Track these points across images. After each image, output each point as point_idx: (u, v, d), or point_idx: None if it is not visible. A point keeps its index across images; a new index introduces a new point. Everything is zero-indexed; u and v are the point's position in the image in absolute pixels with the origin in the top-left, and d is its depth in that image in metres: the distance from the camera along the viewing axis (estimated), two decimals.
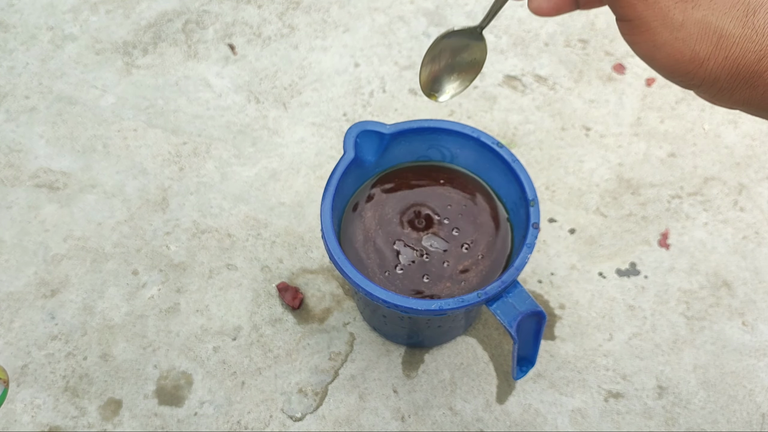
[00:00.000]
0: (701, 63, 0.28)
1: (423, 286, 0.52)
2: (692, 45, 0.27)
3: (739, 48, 0.27)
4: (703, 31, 0.27)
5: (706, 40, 0.27)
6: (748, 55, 0.27)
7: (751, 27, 0.27)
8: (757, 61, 0.27)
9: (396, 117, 0.72)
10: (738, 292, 0.63)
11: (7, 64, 0.76)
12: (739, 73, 0.28)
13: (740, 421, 0.58)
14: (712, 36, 0.27)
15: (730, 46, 0.27)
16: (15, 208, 0.67)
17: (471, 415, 0.58)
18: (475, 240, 0.53)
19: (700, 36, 0.27)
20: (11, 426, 0.58)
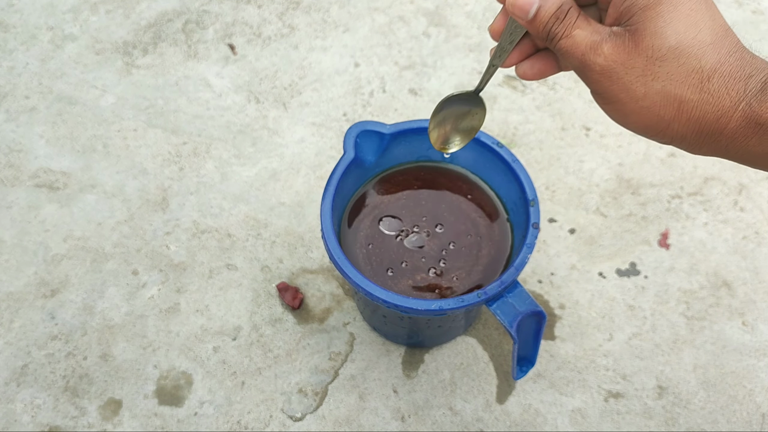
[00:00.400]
0: (667, 125, 0.31)
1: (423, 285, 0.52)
2: (657, 111, 0.31)
3: (698, 110, 0.30)
4: (664, 99, 0.30)
5: (669, 106, 0.31)
6: (707, 116, 0.30)
7: (707, 92, 0.30)
8: (715, 120, 0.30)
9: (396, 117, 0.72)
10: (738, 292, 0.63)
11: (7, 64, 0.76)
12: (702, 131, 0.31)
13: (740, 421, 0.58)
14: (673, 102, 0.30)
15: (690, 110, 0.30)
16: (15, 208, 0.67)
17: (471, 415, 0.58)
18: (475, 240, 0.53)
19: (662, 104, 0.31)
20: (11, 426, 0.58)
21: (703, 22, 0.30)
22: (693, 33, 0.30)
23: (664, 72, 0.30)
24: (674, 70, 0.30)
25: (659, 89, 0.30)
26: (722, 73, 0.30)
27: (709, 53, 0.30)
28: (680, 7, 0.30)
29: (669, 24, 0.30)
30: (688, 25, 0.30)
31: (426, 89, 0.74)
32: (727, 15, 0.78)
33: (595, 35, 0.32)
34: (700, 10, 0.30)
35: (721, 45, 0.30)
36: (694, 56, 0.30)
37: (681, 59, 0.30)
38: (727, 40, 0.31)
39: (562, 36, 0.32)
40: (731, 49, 0.30)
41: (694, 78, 0.30)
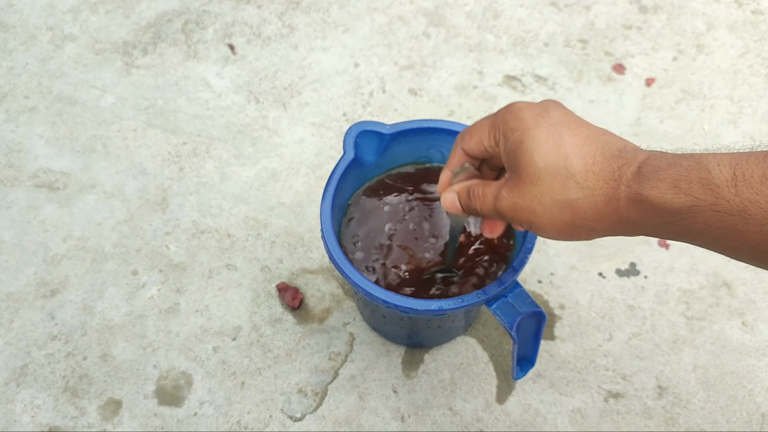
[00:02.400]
0: (573, 225, 0.37)
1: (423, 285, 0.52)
2: (559, 218, 0.36)
3: (588, 203, 0.36)
4: (558, 207, 0.36)
5: (564, 211, 0.36)
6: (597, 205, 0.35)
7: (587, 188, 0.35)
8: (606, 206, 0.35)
9: (396, 117, 0.72)
10: (738, 292, 0.63)
11: (7, 64, 0.76)
12: (602, 219, 0.36)
13: (740, 421, 0.58)
14: (565, 206, 0.36)
15: (582, 206, 0.36)
16: (15, 208, 0.67)
17: (471, 415, 0.58)
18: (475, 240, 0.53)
19: (559, 211, 0.36)
20: (11, 426, 0.58)
21: (561, 140, 0.36)
22: (555, 150, 0.36)
23: (546, 188, 0.36)
24: (552, 184, 0.36)
25: (550, 201, 0.36)
26: (594, 172, 0.35)
27: (574, 161, 0.36)
28: (538, 137, 0.37)
29: (534, 153, 0.36)
30: (549, 147, 0.36)
31: (426, 89, 0.74)
32: (727, 15, 0.78)
33: (495, 189, 0.39)
34: (556, 131, 0.37)
35: (584, 152, 0.36)
36: (563, 167, 0.36)
37: (553, 174, 0.36)
38: (592, 146, 0.36)
39: (479, 205, 0.41)
40: (597, 152, 0.36)
41: (570, 183, 0.36)
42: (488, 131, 0.40)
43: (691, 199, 0.32)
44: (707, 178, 0.32)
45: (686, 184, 0.33)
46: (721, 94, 0.73)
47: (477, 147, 0.41)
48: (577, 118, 0.38)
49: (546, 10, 0.79)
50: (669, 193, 0.33)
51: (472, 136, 0.41)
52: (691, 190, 0.32)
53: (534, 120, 0.37)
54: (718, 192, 0.32)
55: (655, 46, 0.76)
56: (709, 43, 0.77)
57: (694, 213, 0.33)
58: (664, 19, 0.78)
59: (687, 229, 0.34)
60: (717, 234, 0.33)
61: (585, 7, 0.79)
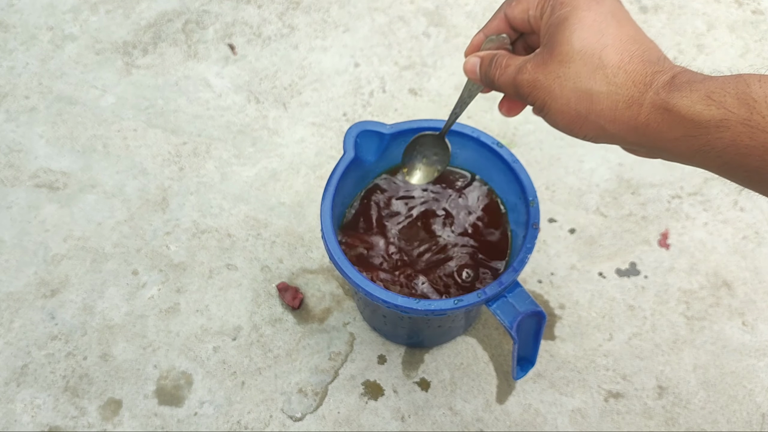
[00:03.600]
0: (585, 119, 0.35)
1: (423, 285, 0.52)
2: (574, 107, 0.35)
3: (609, 100, 0.34)
4: (577, 95, 0.35)
5: (582, 100, 0.35)
6: (618, 105, 0.34)
7: (614, 84, 0.34)
8: (626, 108, 0.34)
9: (396, 117, 0.72)
10: (738, 292, 0.63)
11: (7, 64, 0.76)
12: (616, 120, 0.34)
13: (740, 421, 0.58)
14: (585, 96, 0.35)
15: (602, 101, 0.34)
16: (15, 208, 0.67)
17: (471, 415, 0.58)
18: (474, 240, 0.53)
19: (577, 99, 0.35)
20: (11, 426, 0.58)
21: (607, 29, 0.35)
22: (596, 38, 0.35)
23: (573, 72, 0.35)
24: (581, 69, 0.35)
25: (572, 87, 0.35)
26: (626, 70, 0.34)
27: (611, 53, 0.34)
28: (585, 19, 0.35)
29: (574, 33, 0.35)
30: (592, 32, 0.35)
31: (426, 89, 0.74)
32: (727, 15, 0.78)
33: (521, 62, 0.38)
34: (604, 19, 0.35)
35: (624, 48, 0.35)
36: (597, 56, 0.34)
37: (585, 59, 0.35)
38: (634, 45, 0.35)
39: (498, 75, 0.39)
40: (637, 52, 0.34)
41: (599, 74, 0.34)
42: (537, 0, 0.38)
43: (722, 112, 0.31)
44: (745, 91, 0.31)
45: (720, 96, 0.31)
46: None
47: (521, 15, 0.39)
48: (629, 16, 0.37)
49: None
50: (700, 103, 0.32)
51: (520, 1, 0.39)
52: (725, 102, 0.31)
53: (587, 1, 0.36)
54: (755, 107, 0.30)
55: None
56: (709, 43, 0.77)
57: (723, 127, 0.31)
58: (664, 19, 0.78)
59: (709, 145, 0.32)
60: (743, 152, 0.31)
61: None
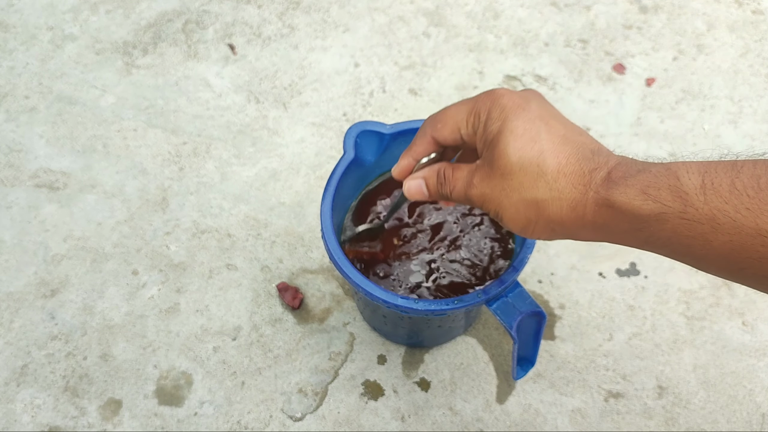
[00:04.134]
0: (536, 223, 0.37)
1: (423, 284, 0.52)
2: (524, 215, 0.37)
3: (554, 206, 0.36)
4: (525, 204, 0.36)
5: (530, 209, 0.36)
6: (563, 209, 0.35)
7: (556, 190, 0.35)
8: (572, 211, 0.35)
9: (396, 117, 0.72)
10: (738, 292, 0.63)
11: (7, 64, 0.76)
12: (566, 222, 0.36)
13: (740, 421, 0.58)
14: (532, 205, 0.36)
15: (548, 207, 0.36)
16: (15, 208, 0.67)
17: (471, 415, 0.58)
18: (475, 240, 0.53)
19: (525, 208, 0.36)
20: (11, 426, 0.58)
21: (539, 135, 0.36)
22: (530, 146, 0.36)
23: (516, 183, 0.36)
24: (523, 180, 0.36)
25: (518, 198, 0.36)
26: (565, 173, 0.35)
27: (548, 159, 0.35)
28: (516, 129, 0.36)
29: (509, 145, 0.36)
30: (526, 141, 0.36)
31: (426, 89, 0.74)
32: (727, 15, 0.78)
33: (467, 175, 0.39)
34: (534, 126, 0.36)
35: (559, 151, 0.36)
36: (535, 164, 0.36)
37: (525, 170, 0.36)
38: (567, 146, 0.36)
39: (450, 191, 0.40)
40: (572, 153, 0.35)
41: (540, 182, 0.36)
42: (467, 118, 0.39)
43: (659, 206, 0.32)
44: (676, 185, 0.32)
45: (655, 190, 0.32)
46: (722, 94, 0.73)
47: (452, 135, 0.40)
48: (556, 114, 0.38)
49: (546, 10, 0.79)
50: (637, 199, 0.33)
51: (446, 123, 0.40)
52: (659, 197, 0.32)
53: (514, 111, 0.37)
54: (687, 199, 0.31)
55: (655, 46, 0.76)
56: (709, 43, 0.77)
57: (662, 220, 0.32)
58: (665, 19, 0.78)
59: (654, 236, 0.33)
60: (685, 242, 0.32)
61: (585, 7, 0.79)
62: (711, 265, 0.33)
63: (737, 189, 0.30)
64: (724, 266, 0.32)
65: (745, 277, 0.32)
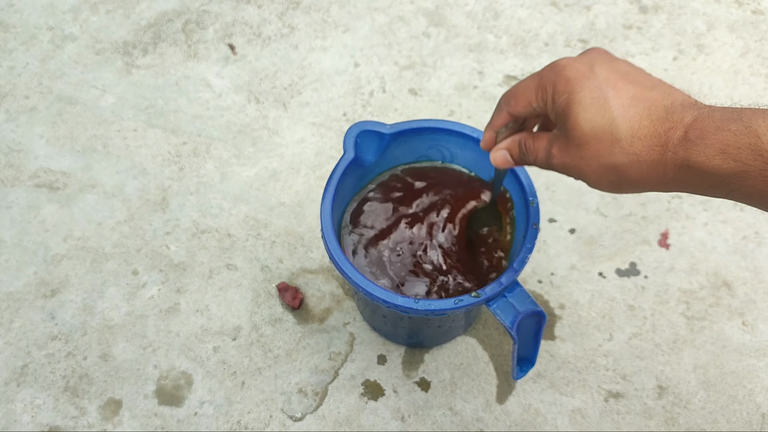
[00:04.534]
0: (619, 184, 0.37)
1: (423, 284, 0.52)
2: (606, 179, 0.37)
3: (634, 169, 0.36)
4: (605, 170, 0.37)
5: (611, 173, 0.37)
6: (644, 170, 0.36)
7: (633, 154, 0.36)
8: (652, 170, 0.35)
9: (396, 117, 0.72)
10: (738, 292, 0.63)
11: (7, 64, 0.76)
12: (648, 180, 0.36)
13: (740, 421, 0.58)
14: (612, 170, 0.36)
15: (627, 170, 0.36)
16: (15, 208, 0.67)
17: (471, 415, 0.58)
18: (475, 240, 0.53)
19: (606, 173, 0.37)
20: (11, 426, 0.58)
21: (607, 102, 0.36)
22: (601, 114, 0.36)
23: (593, 152, 0.37)
24: (599, 148, 0.36)
25: (597, 165, 0.37)
26: (640, 137, 0.35)
27: (620, 125, 0.36)
28: (584, 100, 0.36)
29: (579, 116, 0.37)
30: (595, 109, 0.36)
31: (426, 89, 0.74)
32: (727, 15, 0.78)
33: (547, 144, 0.40)
34: (601, 93, 0.36)
35: (630, 115, 0.36)
36: (609, 132, 0.36)
37: (599, 139, 0.36)
38: (638, 107, 0.36)
39: (534, 160, 0.41)
40: (644, 114, 0.36)
41: (616, 149, 0.36)
42: (535, 93, 0.40)
43: (740, 165, 0.33)
44: (757, 144, 0.32)
45: (735, 150, 0.32)
46: (722, 94, 0.73)
47: (525, 109, 0.41)
48: (623, 70, 0.38)
49: (546, 10, 0.79)
50: (717, 158, 0.33)
51: (518, 99, 0.41)
52: (740, 156, 0.32)
53: (579, 81, 0.37)
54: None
55: (655, 46, 0.76)
56: (709, 43, 0.77)
57: (743, 178, 0.33)
58: (665, 19, 0.78)
59: (736, 191, 0.34)
60: (767, 197, 0.33)
61: (585, 7, 0.79)
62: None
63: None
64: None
65: None
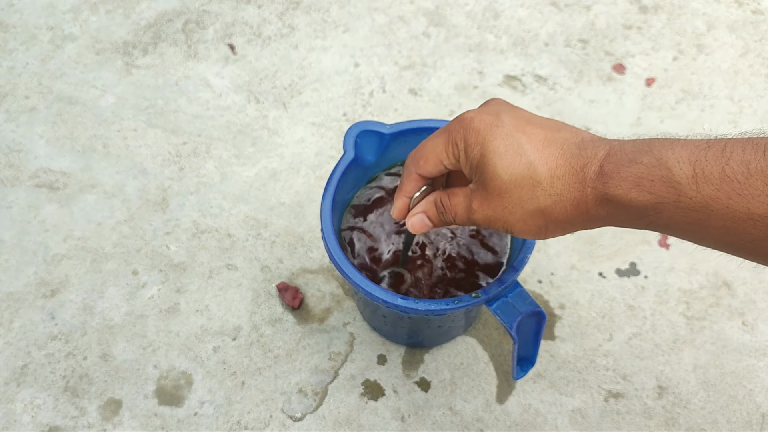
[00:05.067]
0: (546, 228, 0.38)
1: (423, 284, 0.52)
2: (534, 224, 0.38)
3: (559, 209, 0.36)
4: (530, 215, 0.37)
5: (537, 218, 0.37)
6: (568, 210, 0.36)
7: (555, 195, 0.36)
8: (575, 209, 0.36)
9: (396, 117, 0.72)
10: (738, 292, 0.63)
11: (7, 64, 0.76)
12: (574, 220, 0.37)
13: (740, 421, 0.58)
14: (538, 214, 0.37)
15: (553, 212, 0.37)
16: (15, 208, 0.67)
17: (471, 415, 0.58)
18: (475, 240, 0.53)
19: (532, 219, 0.37)
20: (11, 426, 0.58)
21: (522, 147, 0.37)
22: (517, 160, 0.36)
23: (516, 199, 0.37)
24: (521, 195, 0.37)
25: (521, 212, 0.37)
26: (559, 176, 0.36)
27: (538, 168, 0.36)
28: (498, 148, 0.37)
29: (497, 165, 0.37)
30: (511, 156, 0.37)
31: (426, 89, 0.74)
32: (727, 15, 0.78)
33: (465, 201, 0.40)
34: (514, 140, 0.37)
35: (547, 156, 0.36)
36: (528, 177, 0.36)
37: (520, 185, 0.37)
38: (551, 149, 0.36)
39: (454, 219, 0.41)
40: (559, 154, 0.36)
41: (537, 191, 0.36)
42: (445, 150, 0.40)
43: (654, 197, 0.33)
44: (668, 176, 0.33)
45: (648, 182, 0.33)
46: (722, 94, 0.73)
47: (436, 168, 0.41)
48: (528, 117, 0.39)
49: (546, 10, 0.79)
50: (633, 191, 0.34)
51: (428, 159, 0.41)
52: (653, 189, 0.33)
53: (489, 131, 0.38)
54: (680, 189, 0.32)
55: (655, 46, 0.76)
56: (709, 43, 0.77)
57: (659, 209, 0.33)
58: (665, 19, 0.78)
59: (654, 223, 0.34)
60: (683, 228, 0.33)
61: (585, 7, 0.79)
62: (710, 245, 0.34)
63: (728, 176, 0.31)
64: (721, 247, 0.34)
65: (743, 255, 0.34)
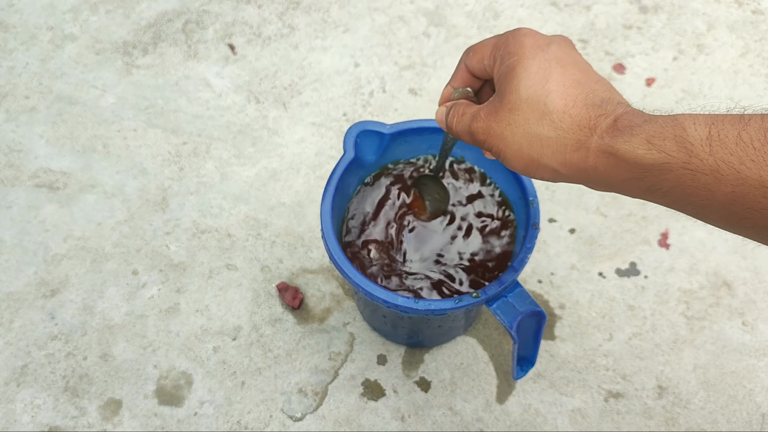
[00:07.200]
0: (539, 162, 0.37)
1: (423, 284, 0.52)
2: (527, 152, 0.37)
3: (558, 144, 0.36)
4: (528, 140, 0.37)
5: (534, 145, 0.36)
6: (567, 148, 0.35)
7: (561, 129, 0.35)
8: (575, 151, 0.35)
9: (396, 117, 0.72)
10: (738, 292, 0.63)
11: (7, 64, 0.76)
12: (568, 163, 0.36)
13: (740, 421, 0.58)
14: (536, 141, 0.36)
15: (552, 145, 0.36)
16: (15, 208, 0.67)
17: (471, 415, 0.58)
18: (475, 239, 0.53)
19: (528, 144, 0.37)
20: (11, 426, 0.58)
21: (551, 76, 0.36)
22: (541, 85, 0.36)
23: (522, 119, 0.36)
24: (529, 116, 0.36)
25: (522, 133, 0.37)
26: (571, 115, 0.35)
27: (556, 99, 0.36)
28: (530, 67, 0.37)
29: (521, 81, 0.37)
30: (537, 79, 0.36)
31: (426, 89, 0.74)
32: (727, 15, 0.78)
33: (476, 109, 0.39)
34: (549, 66, 0.37)
35: (568, 93, 0.36)
36: (543, 102, 0.36)
37: (532, 106, 0.36)
38: (577, 89, 0.36)
39: (455, 123, 0.41)
40: (580, 96, 0.36)
41: (546, 119, 0.36)
42: (490, 51, 0.40)
43: (663, 156, 0.32)
44: (682, 135, 0.32)
45: (660, 140, 0.32)
46: (722, 94, 0.73)
47: (478, 65, 0.41)
48: (576, 60, 0.38)
49: (546, 10, 0.79)
50: (642, 148, 0.33)
51: (476, 52, 0.41)
52: (664, 147, 0.32)
53: (532, 50, 0.37)
54: (692, 150, 0.32)
55: (655, 46, 0.76)
56: (709, 43, 0.77)
57: (665, 170, 0.33)
58: (665, 19, 0.78)
59: (656, 186, 0.34)
60: (687, 192, 0.32)
61: (585, 7, 0.79)
62: (711, 215, 0.33)
63: (743, 141, 0.31)
64: (724, 216, 0.32)
65: (744, 228, 0.32)
